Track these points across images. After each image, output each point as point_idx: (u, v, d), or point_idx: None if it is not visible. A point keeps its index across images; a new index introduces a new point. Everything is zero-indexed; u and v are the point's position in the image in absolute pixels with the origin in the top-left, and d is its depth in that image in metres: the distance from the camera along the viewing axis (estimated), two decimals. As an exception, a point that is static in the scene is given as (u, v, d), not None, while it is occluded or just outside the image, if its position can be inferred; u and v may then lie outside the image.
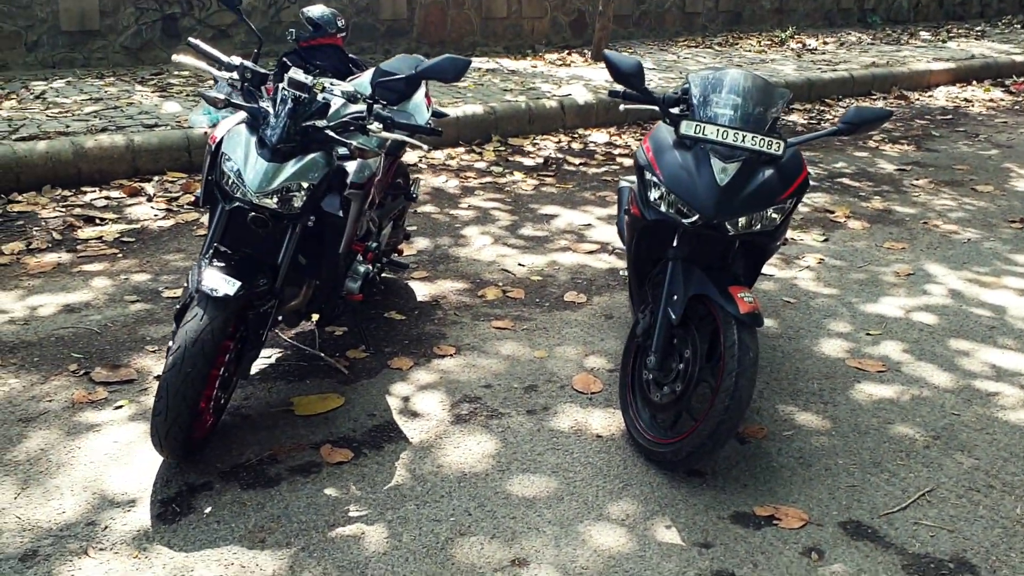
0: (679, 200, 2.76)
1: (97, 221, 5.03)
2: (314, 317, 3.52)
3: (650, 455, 2.93)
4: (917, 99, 9.21)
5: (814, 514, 2.71)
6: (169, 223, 5.02)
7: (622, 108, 3.04)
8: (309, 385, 3.41)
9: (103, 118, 6.22)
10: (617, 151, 6.95)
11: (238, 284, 2.73)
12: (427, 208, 5.41)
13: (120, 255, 4.57)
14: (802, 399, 3.35)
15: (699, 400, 2.91)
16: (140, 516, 2.66)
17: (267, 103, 2.91)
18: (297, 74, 2.85)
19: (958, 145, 7.28)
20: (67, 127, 5.95)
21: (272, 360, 3.56)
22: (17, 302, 3.99)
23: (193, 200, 3.55)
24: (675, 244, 2.90)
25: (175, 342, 2.66)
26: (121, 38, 8.07)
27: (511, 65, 9.13)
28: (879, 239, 5.13)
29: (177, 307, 2.92)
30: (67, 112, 6.36)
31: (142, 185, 5.58)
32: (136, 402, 3.25)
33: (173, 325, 2.94)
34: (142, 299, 4.07)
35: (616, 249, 4.80)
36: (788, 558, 2.53)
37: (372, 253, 3.48)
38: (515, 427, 3.16)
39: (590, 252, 4.86)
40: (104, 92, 7.04)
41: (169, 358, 2.65)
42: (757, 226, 2.78)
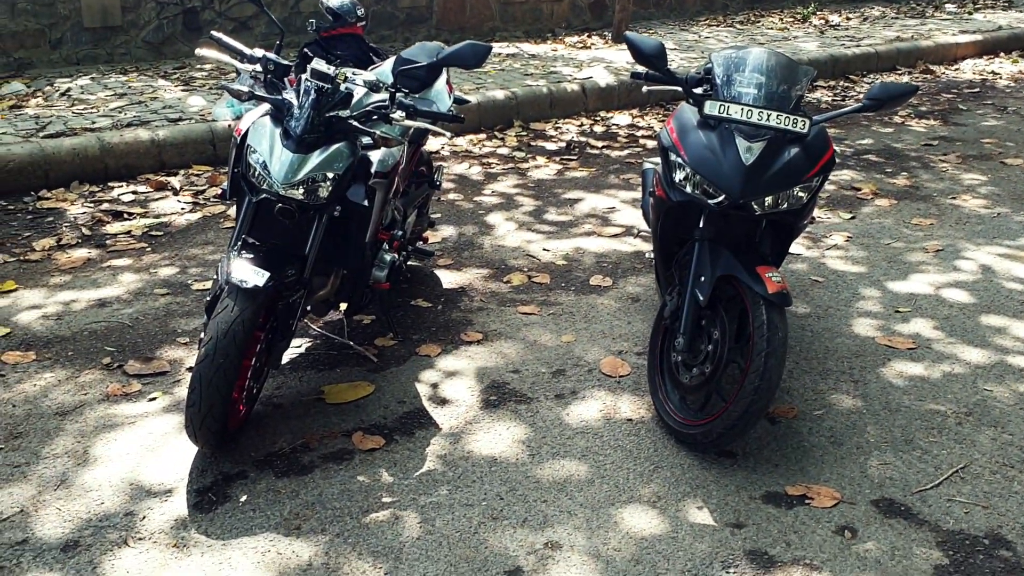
0: (705, 181, 2.75)
1: (125, 216, 5.07)
2: (342, 306, 3.54)
3: (680, 437, 2.94)
4: (943, 73, 9.09)
5: (846, 493, 2.70)
6: (196, 216, 5.06)
7: (644, 90, 3.03)
8: (339, 374, 3.43)
9: (128, 113, 6.27)
10: (640, 133, 6.91)
11: (267, 275, 2.75)
12: (451, 195, 5.42)
13: (148, 249, 4.61)
14: (832, 378, 3.34)
15: (728, 381, 2.90)
16: (177, 506, 2.70)
17: (291, 94, 2.92)
18: (320, 65, 2.87)
19: (986, 118, 7.18)
20: (93, 123, 6.00)
21: (302, 349, 3.59)
22: (49, 298, 4.04)
23: (220, 193, 3.58)
24: (701, 225, 2.89)
25: (207, 334, 2.69)
26: (143, 33, 8.12)
27: (531, 49, 9.10)
28: (906, 216, 5.08)
29: (207, 299, 2.95)
30: (93, 108, 6.41)
31: (168, 179, 5.62)
32: (170, 394, 3.29)
33: (204, 317, 2.97)
34: (171, 292, 4.11)
35: (641, 232, 4.79)
36: (821, 537, 2.52)
37: (398, 241, 3.49)
38: (544, 412, 3.17)
39: (615, 235, 4.85)
40: (128, 87, 7.09)
41: (201, 349, 2.68)
42: (784, 205, 2.76)
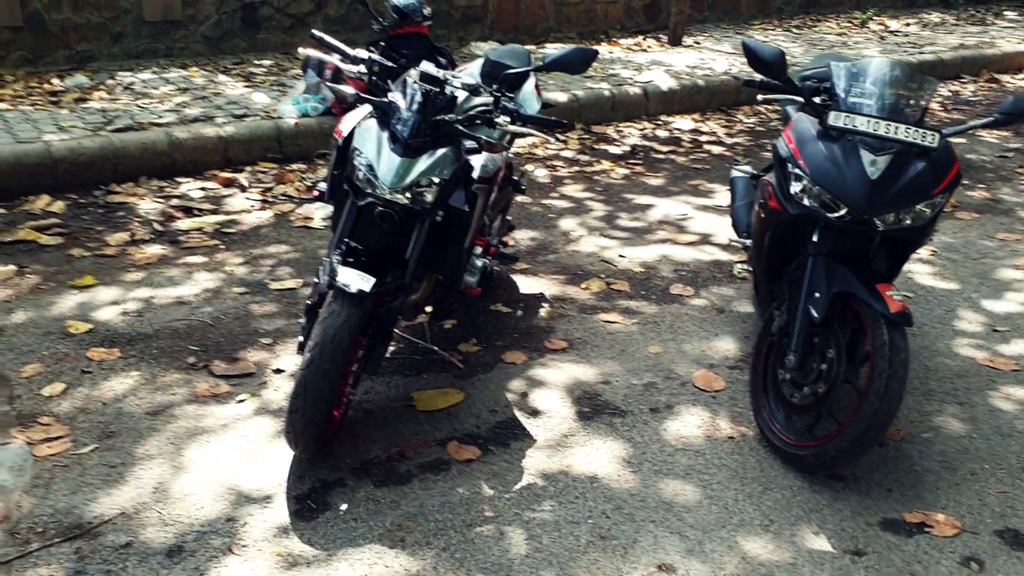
0: (826, 193, 2.66)
1: (195, 212, 5.05)
2: (427, 310, 3.49)
3: (788, 457, 2.85)
4: (1008, 82, 8.91)
5: (967, 521, 2.61)
6: (266, 214, 5.03)
7: (760, 98, 2.94)
8: (426, 380, 3.38)
9: (194, 109, 6.26)
10: (703, 138, 6.82)
11: (373, 280, 2.70)
12: (520, 198, 5.36)
13: (221, 247, 4.58)
14: (936, 399, 3.24)
15: (838, 401, 2.81)
16: (278, 513, 2.65)
17: (397, 96, 2.86)
18: (429, 68, 2.81)
19: (1058, 130, 7.02)
20: (159, 118, 5.99)
21: (387, 354, 3.53)
22: (128, 294, 4.02)
23: (317, 195, 3.54)
24: (816, 240, 2.81)
25: (312, 339, 2.64)
26: (202, 28, 8.11)
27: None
28: (990, 229, 4.96)
29: (308, 302, 2.91)
30: (157, 102, 6.41)
31: (235, 176, 5.60)
32: (258, 396, 3.25)
33: (302, 320, 2.93)
34: (249, 291, 4.08)
35: (732, 240, 4.68)
36: (947, 568, 2.43)
37: (494, 247, 3.43)
38: (640, 426, 3.10)
39: (691, 243, 4.76)
40: (190, 82, 7.09)
41: (307, 355, 2.63)
42: (907, 221, 2.67)
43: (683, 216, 5.17)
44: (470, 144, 2.94)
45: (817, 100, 2.85)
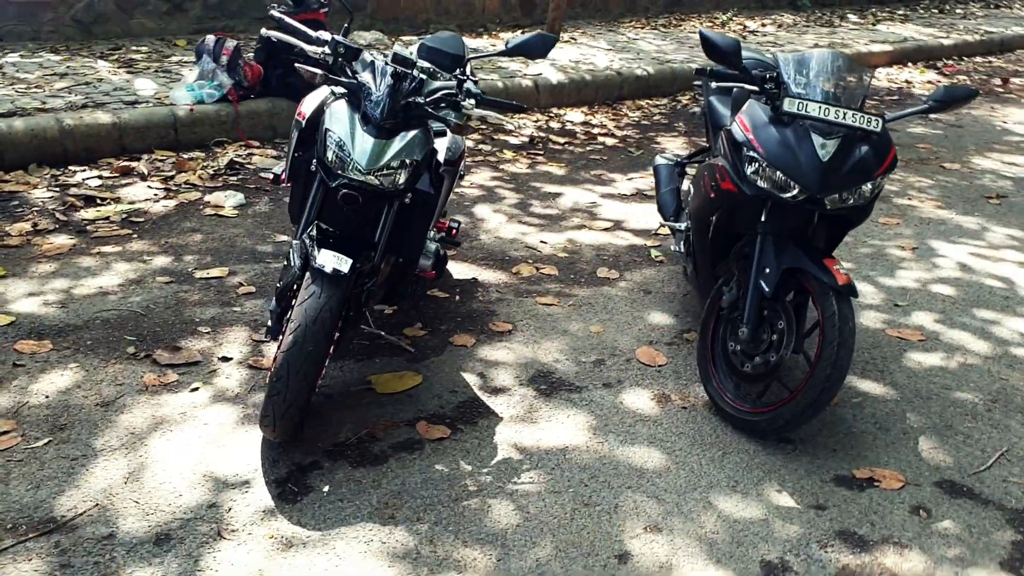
0: (780, 174, 2.85)
1: (97, 201, 4.85)
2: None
3: (741, 424, 3.04)
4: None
5: (908, 475, 2.87)
6: (172, 203, 4.89)
7: (714, 86, 3.12)
8: (379, 364, 3.40)
9: (79, 94, 5.98)
10: (595, 130, 7.04)
11: (350, 261, 2.72)
12: (435, 186, 5.40)
13: (134, 236, 4.44)
14: (858, 368, 3.51)
15: (786, 369, 3.02)
16: (260, 497, 2.63)
17: (367, 77, 2.87)
18: (402, 50, 2.84)
19: (912, 125, 7.62)
20: (43, 103, 5.70)
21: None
22: (44, 285, 3.84)
23: (271, 178, 3.48)
24: (764, 219, 3.00)
25: (293, 321, 2.63)
26: (73, 10, 7.73)
27: (470, 43, 9.09)
28: (872, 215, 5.35)
29: (278, 286, 2.88)
30: (36, 88, 6.08)
31: (132, 164, 5.40)
32: (210, 384, 3.19)
33: (271, 304, 2.91)
34: (175, 280, 3.97)
35: (665, 225, 4.83)
36: (900, 517, 2.67)
37: (456, 230, 3.48)
38: (597, 400, 3.23)
39: (606, 229, 4.94)
40: (67, 67, 6.75)
41: (288, 337, 2.62)
42: (851, 201, 2.90)
43: (592, 204, 5.34)
44: (435, 127, 2.98)
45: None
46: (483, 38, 9.56)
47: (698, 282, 3.55)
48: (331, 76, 2.89)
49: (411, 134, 2.85)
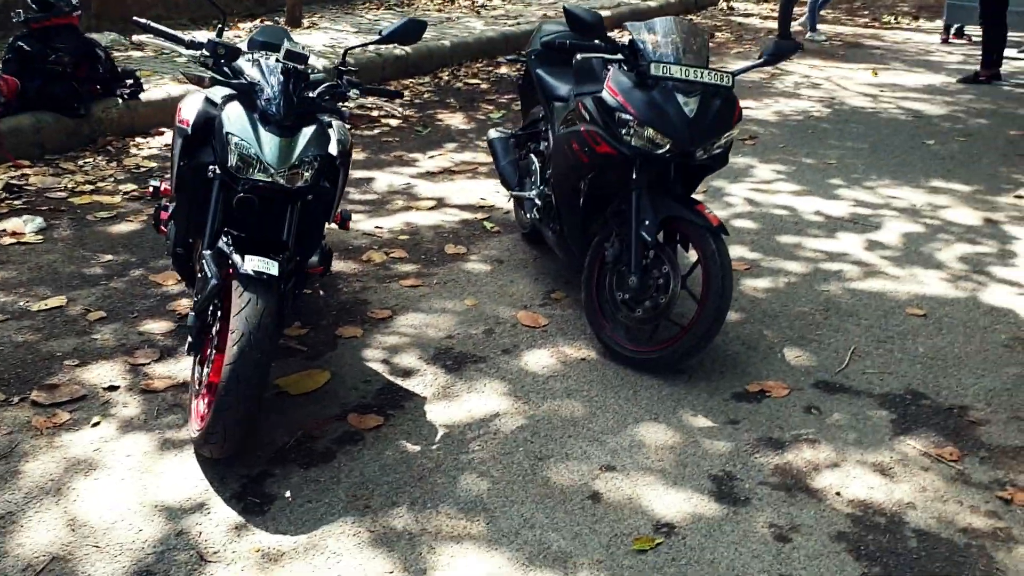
0: (653, 132, 3.14)
1: None
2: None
3: (639, 363, 3.34)
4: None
5: (789, 382, 3.30)
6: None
7: (579, 57, 3.34)
8: (278, 367, 3.35)
9: None
10: (375, 112, 7.10)
11: (277, 263, 2.70)
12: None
13: (-65, 277, 4.01)
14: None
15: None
16: (225, 515, 2.58)
17: (256, 75, 2.83)
18: (295, 46, 2.82)
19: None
20: None
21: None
22: None
23: (150, 191, 3.27)
24: (636, 176, 3.29)
25: (235, 332, 2.57)
26: None
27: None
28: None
29: (197, 299, 2.79)
30: None
31: None
32: (110, 416, 3.03)
33: (191, 321, 2.81)
34: (12, 317, 3.67)
35: (514, 195, 4.95)
36: (799, 418, 3.09)
37: (348, 221, 3.48)
38: (504, 366, 3.40)
39: (432, 208, 5.07)
40: None
41: (232, 349, 2.57)
42: (716, 151, 3.26)
43: (407, 185, 5.45)
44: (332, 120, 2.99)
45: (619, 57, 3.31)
46: (227, 30, 9.21)
47: (564, 244, 3.78)
48: (218, 78, 2.81)
49: (311, 130, 2.85)
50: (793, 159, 5.97)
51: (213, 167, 2.83)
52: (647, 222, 3.25)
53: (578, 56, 3.33)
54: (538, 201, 4.01)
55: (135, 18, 3.08)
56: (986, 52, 8.41)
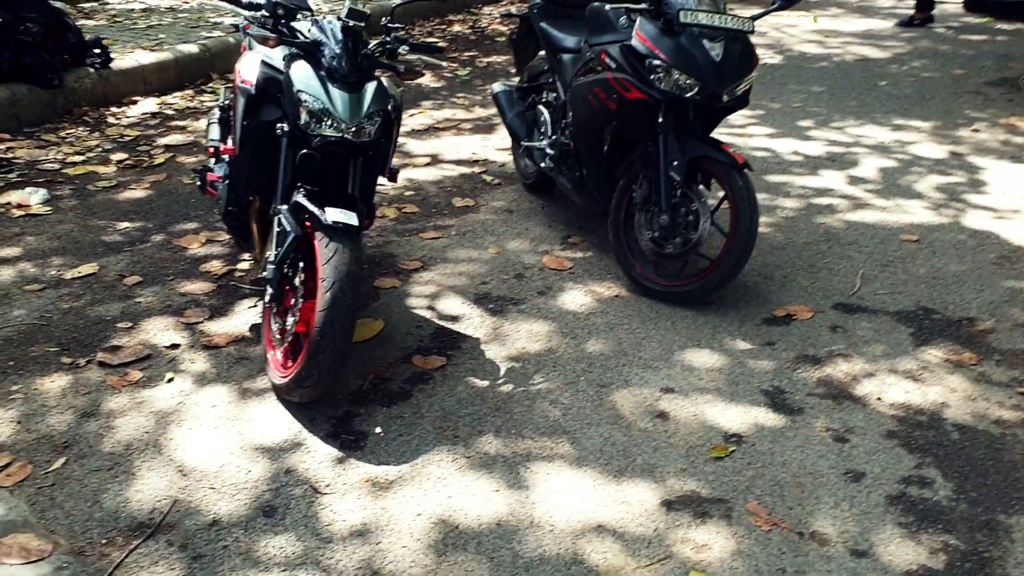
0: (684, 76, 3.34)
1: None
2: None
3: (672, 297, 3.57)
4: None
5: (811, 306, 3.57)
6: (-31, 210, 4.44)
7: (594, 5, 3.53)
8: (328, 318, 3.49)
9: None
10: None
11: (356, 214, 2.83)
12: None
13: (-45, 251, 4.01)
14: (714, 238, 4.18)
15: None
16: (325, 452, 2.73)
17: (318, 34, 2.93)
18: (356, 5, 2.93)
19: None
20: None
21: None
22: (-98, 318, 3.44)
23: (211, 151, 3.34)
24: (662, 120, 3.50)
25: (326, 279, 2.70)
26: None
27: (154, 1, 8.67)
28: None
29: (275, 253, 2.90)
30: None
31: None
32: (182, 372, 3.14)
33: (265, 272, 2.92)
34: (50, 286, 3.72)
35: (523, 147, 5.09)
36: (827, 336, 3.36)
37: (397, 175, 3.60)
38: (543, 307, 3.60)
39: (428, 165, 5.21)
40: None
41: (326, 295, 2.70)
42: (738, 92, 3.48)
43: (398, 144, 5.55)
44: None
45: (643, 6, 3.49)
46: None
47: (584, 190, 3.97)
48: (285, 37, 2.91)
49: (373, 85, 2.97)
50: (760, 104, 6.24)
51: (281, 124, 2.93)
52: (675, 163, 3.46)
53: (594, 4, 3.51)
54: (550, 151, 4.18)
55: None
56: (919, -4, 8.85)
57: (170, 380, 3.08)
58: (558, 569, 2.29)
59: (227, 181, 3.33)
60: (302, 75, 2.88)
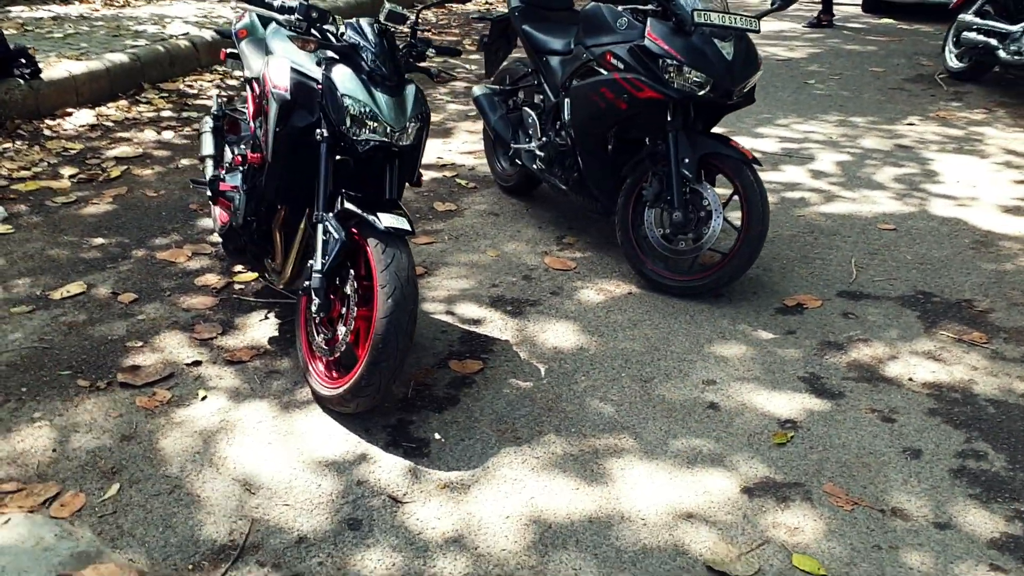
0: (698, 74, 3.42)
1: None
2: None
3: (685, 292, 3.65)
4: None
5: (817, 294, 3.71)
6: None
7: (590, 5, 3.58)
8: (348, 327, 3.43)
9: None
10: (281, 83, 6.98)
11: (406, 219, 2.80)
12: (187, 162, 5.14)
13: (-79, 274, 3.75)
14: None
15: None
16: (392, 462, 2.68)
17: (354, 37, 2.88)
18: (396, 8, 2.89)
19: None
20: None
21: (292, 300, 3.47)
22: None
23: (239, 160, 3.19)
24: (671, 118, 3.58)
25: (386, 286, 2.65)
26: None
27: (63, 10, 8.29)
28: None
29: (323, 262, 2.82)
30: None
31: None
32: (214, 388, 3.03)
33: (311, 282, 2.83)
34: (40, 307, 3.52)
35: (511, 150, 5.00)
36: (841, 322, 3.50)
37: (421, 176, 3.54)
38: (561, 306, 3.62)
39: (398, 170, 5.14)
40: None
41: (387, 302, 2.65)
42: (746, 89, 3.59)
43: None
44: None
45: (649, 8, 3.56)
46: (78, 4, 8.68)
47: (584, 189, 4.01)
48: (325, 42, 2.84)
49: (412, 88, 2.94)
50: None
51: (320, 130, 2.86)
52: (687, 160, 3.54)
53: (589, 6, 3.57)
54: (540, 152, 4.20)
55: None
56: (823, -3, 9.30)
57: (204, 398, 2.97)
58: (664, 561, 2.31)
59: (245, 190, 3.22)
60: (345, 79, 2.82)
